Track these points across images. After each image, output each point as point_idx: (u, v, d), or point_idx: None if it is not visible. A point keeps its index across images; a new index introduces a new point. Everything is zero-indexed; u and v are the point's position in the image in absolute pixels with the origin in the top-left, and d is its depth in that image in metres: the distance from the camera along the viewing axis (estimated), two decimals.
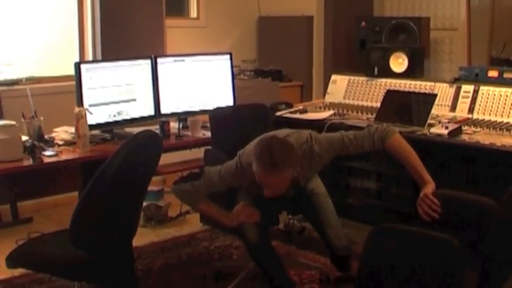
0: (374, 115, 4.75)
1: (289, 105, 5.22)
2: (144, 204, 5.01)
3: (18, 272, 4.11)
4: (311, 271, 4.47)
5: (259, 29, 8.01)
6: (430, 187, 3.44)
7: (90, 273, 3.23)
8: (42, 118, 4.14)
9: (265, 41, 7.95)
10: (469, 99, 4.88)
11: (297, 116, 4.94)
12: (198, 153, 4.59)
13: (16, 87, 5.53)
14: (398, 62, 5.61)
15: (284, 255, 4.65)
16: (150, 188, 4.27)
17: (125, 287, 3.40)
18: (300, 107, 5.24)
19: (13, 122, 3.84)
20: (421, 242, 2.65)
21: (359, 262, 2.80)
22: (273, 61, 7.56)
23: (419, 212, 3.35)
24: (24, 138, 3.97)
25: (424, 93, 4.98)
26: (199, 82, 4.99)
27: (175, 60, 4.91)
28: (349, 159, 4.98)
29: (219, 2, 7.51)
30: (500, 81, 4.91)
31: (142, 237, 4.94)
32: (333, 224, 3.88)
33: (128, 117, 4.60)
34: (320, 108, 5.23)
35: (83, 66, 4.35)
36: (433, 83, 5.17)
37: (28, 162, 3.78)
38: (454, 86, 5.03)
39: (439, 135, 4.30)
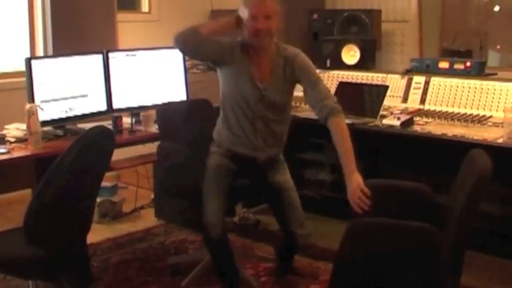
0: None
1: None
2: (98, 200, 4.97)
3: None
4: (267, 263, 4.48)
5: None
6: (358, 177, 3.40)
7: (45, 271, 3.21)
8: None
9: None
10: (421, 90, 4.95)
11: None
12: (152, 148, 4.57)
13: None
14: (351, 54, 5.66)
15: (240, 248, 4.66)
16: (104, 183, 4.24)
17: (81, 284, 3.38)
18: None
19: None
20: (399, 232, 2.68)
21: (336, 258, 2.80)
22: None
23: (352, 204, 3.32)
24: None
25: (376, 85, 5.03)
26: (152, 77, 4.97)
27: (127, 55, 4.88)
28: (302, 151, 5.01)
29: None
30: (451, 72, 4.99)
31: (97, 233, 4.91)
32: (298, 218, 3.94)
33: (80, 113, 4.56)
34: None
35: (34, 62, 4.29)
36: (385, 75, 5.23)
37: None
38: (406, 77, 5.09)
39: (392, 126, 4.35)
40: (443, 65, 5.07)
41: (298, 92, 3.89)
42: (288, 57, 3.80)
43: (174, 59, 5.09)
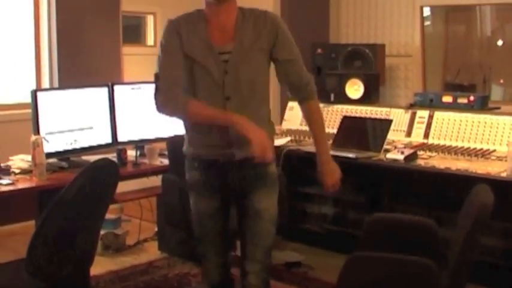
0: (331, 141, 4.78)
1: None
2: (102, 232, 4.97)
3: None
4: None
5: None
6: (336, 166, 3.41)
7: None
8: None
9: None
10: (424, 125, 4.95)
11: None
12: (156, 180, 4.58)
13: None
14: (354, 89, 5.68)
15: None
16: (108, 216, 4.25)
17: None
18: None
19: None
20: (398, 267, 2.68)
21: None
22: None
23: (327, 183, 3.39)
24: None
25: (380, 119, 5.04)
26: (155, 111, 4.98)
27: (132, 88, 4.91)
28: (304, 185, 5.00)
29: None
30: (454, 107, 5.00)
31: (100, 265, 4.89)
32: (258, 258, 3.27)
33: (85, 145, 4.58)
34: (277, 134, 5.25)
35: (40, 94, 4.32)
36: (388, 109, 5.24)
37: None
38: (410, 111, 5.10)
39: (395, 160, 4.35)
40: (447, 99, 5.09)
41: (304, 126, 3.86)
42: (261, 17, 3.22)
43: None
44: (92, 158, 4.12)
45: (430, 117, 4.97)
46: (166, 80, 3.17)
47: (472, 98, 5.00)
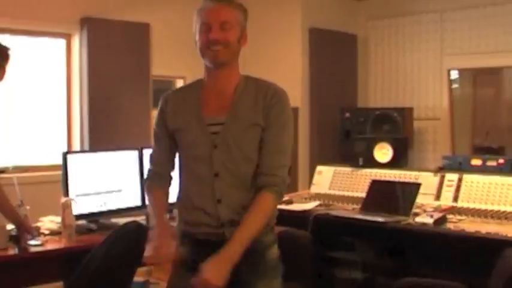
0: (360, 205, 4.77)
1: None
2: None
3: None
4: None
5: None
6: (226, 259, 2.69)
7: None
8: (28, 207, 4.13)
9: None
10: (453, 188, 4.92)
11: (283, 207, 4.93)
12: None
13: (3, 175, 5.53)
14: (383, 152, 5.67)
15: None
16: (136, 278, 4.24)
17: None
18: (286, 198, 5.24)
19: None
20: None
21: None
22: None
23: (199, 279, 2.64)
24: (9, 227, 3.96)
25: (409, 183, 5.01)
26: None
27: None
28: (332, 250, 4.97)
29: None
30: (483, 169, 4.98)
31: None
32: None
33: (114, 207, 4.60)
34: (306, 199, 5.25)
35: (70, 156, 4.37)
36: (417, 172, 5.22)
37: (13, 251, 3.77)
38: (438, 175, 5.08)
39: (425, 224, 4.31)
40: (476, 162, 5.07)
41: (337, 190, 3.83)
42: (264, 89, 2.90)
43: None
44: (121, 220, 4.15)
45: (459, 180, 4.94)
46: (152, 166, 3.10)
47: (501, 160, 4.97)
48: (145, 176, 3.13)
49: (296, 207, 4.92)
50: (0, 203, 3.83)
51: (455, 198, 4.87)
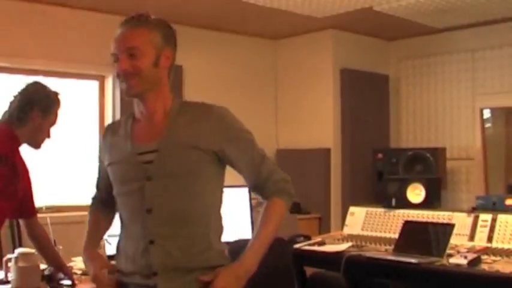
0: (392, 246, 4.74)
1: (307, 238, 5.21)
2: None
3: None
4: None
5: (277, 162, 8.12)
6: (247, 263, 2.67)
7: None
8: (61, 247, 4.17)
9: None
10: (487, 228, 4.87)
11: (315, 248, 4.93)
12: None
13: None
14: (416, 193, 5.64)
15: None
16: None
17: None
18: (318, 239, 5.23)
19: (32, 250, 3.87)
20: None
21: None
22: None
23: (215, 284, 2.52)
24: (42, 266, 3.99)
25: (442, 224, 4.98)
26: (238, 212, 5.03)
27: None
28: None
29: None
30: None
31: None
32: None
33: None
34: (338, 240, 5.23)
35: None
36: (450, 213, 5.18)
37: None
38: (472, 215, 5.03)
39: (458, 265, 4.27)
40: (510, 202, 5.02)
41: (369, 231, 3.81)
42: (202, 110, 2.63)
43: (240, 196, 5.16)
44: None
45: (493, 220, 4.89)
46: (95, 192, 3.00)
47: None
48: None
49: (328, 248, 4.90)
50: (44, 245, 3.88)
51: (490, 239, 4.82)
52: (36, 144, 3.67)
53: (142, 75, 2.51)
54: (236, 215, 5.14)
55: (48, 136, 3.68)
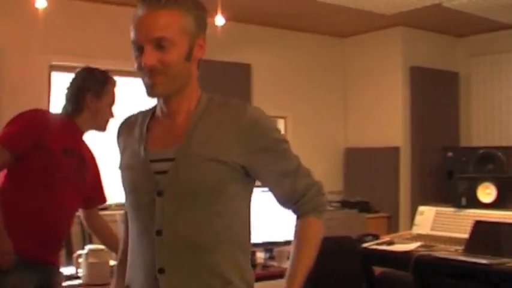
0: (463, 247, 4.68)
1: (376, 237, 5.18)
2: None
3: None
4: None
5: (345, 160, 8.09)
6: None
7: None
8: None
9: (351, 172, 8.00)
10: None
11: (384, 247, 4.90)
12: (284, 284, 4.58)
13: (106, 212, 5.66)
14: (487, 193, 5.55)
15: None
16: None
17: None
18: (387, 238, 5.20)
19: (102, 247, 3.94)
20: None
21: None
22: (359, 192, 7.58)
23: None
24: (112, 262, 4.05)
25: None
26: (287, 213, 5.02)
27: (262, 191, 4.97)
28: None
29: (306, 133, 7.65)
30: None
31: None
32: None
33: None
34: (407, 239, 5.18)
35: None
36: None
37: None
38: None
39: None
40: None
41: (439, 231, 3.75)
42: (234, 113, 2.11)
43: None
44: None
45: None
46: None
47: None
48: None
49: (397, 248, 4.86)
50: (108, 234, 3.92)
51: None
52: (100, 127, 3.69)
53: (171, 72, 2.03)
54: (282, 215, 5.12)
55: (112, 116, 3.66)
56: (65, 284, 3.84)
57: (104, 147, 4.41)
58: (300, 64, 7.97)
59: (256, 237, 4.88)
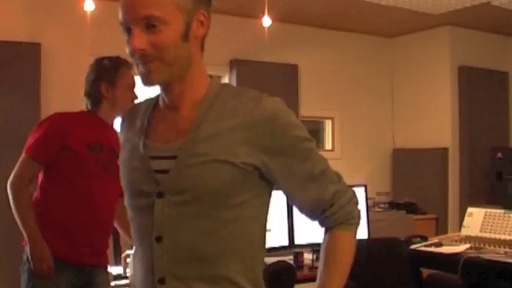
0: None
1: (424, 239, 5.15)
2: None
3: None
4: None
5: (393, 161, 8.04)
6: None
7: None
8: None
9: (399, 173, 7.95)
10: None
11: (432, 249, 4.87)
12: None
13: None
14: None
15: None
16: None
17: None
18: (435, 240, 5.16)
19: None
20: None
21: None
22: (407, 193, 7.53)
23: None
24: None
25: None
26: None
27: None
28: None
29: (354, 134, 7.63)
30: None
31: None
32: None
33: None
34: (456, 241, 5.14)
35: None
36: None
37: None
38: None
39: None
40: None
41: (488, 232, 3.73)
42: (248, 104, 1.78)
43: (358, 197, 5.13)
44: (268, 260, 4.19)
45: None
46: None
47: None
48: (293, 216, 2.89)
49: (445, 250, 4.82)
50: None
51: None
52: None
53: (167, 56, 1.73)
54: None
55: (135, 97, 3.58)
56: (112, 283, 3.88)
57: None
58: (348, 64, 7.95)
59: (303, 238, 4.91)
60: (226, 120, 1.77)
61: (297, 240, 4.83)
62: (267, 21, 5.64)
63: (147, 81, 1.77)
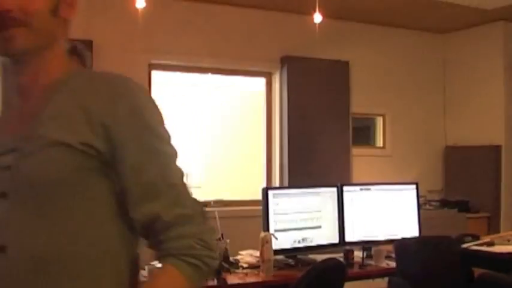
0: None
1: (475, 238, 5.09)
2: None
3: None
4: None
5: (445, 159, 7.95)
6: None
7: None
8: (228, 240, 4.28)
9: (451, 171, 7.86)
10: None
11: (484, 248, 4.81)
12: (381, 283, 4.55)
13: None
14: None
15: None
16: None
17: None
18: (487, 239, 5.09)
19: None
20: None
21: None
22: (459, 191, 7.44)
23: None
24: None
25: None
26: (385, 211, 4.99)
27: (361, 189, 4.95)
28: None
29: (405, 131, 7.56)
30: None
31: None
32: None
33: (312, 244, 4.64)
34: (508, 241, 5.06)
35: (271, 192, 4.48)
36: None
37: (212, 282, 3.88)
38: None
39: None
40: None
41: None
42: (96, 84, 1.54)
43: (408, 194, 5.10)
44: (319, 257, 4.18)
45: None
46: None
47: None
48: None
49: (498, 249, 4.76)
50: None
51: None
52: None
53: (35, 23, 1.52)
54: (403, 212, 5.08)
55: None
56: None
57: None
58: (399, 61, 7.87)
59: (353, 235, 4.89)
60: (72, 99, 1.51)
61: (348, 238, 4.81)
62: (318, 17, 5.62)
63: (9, 48, 1.52)
